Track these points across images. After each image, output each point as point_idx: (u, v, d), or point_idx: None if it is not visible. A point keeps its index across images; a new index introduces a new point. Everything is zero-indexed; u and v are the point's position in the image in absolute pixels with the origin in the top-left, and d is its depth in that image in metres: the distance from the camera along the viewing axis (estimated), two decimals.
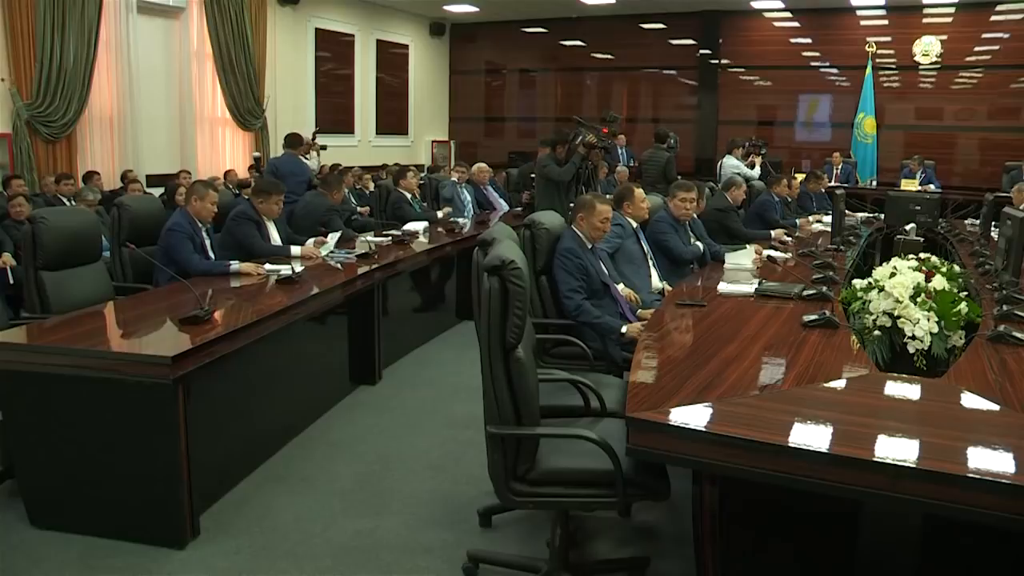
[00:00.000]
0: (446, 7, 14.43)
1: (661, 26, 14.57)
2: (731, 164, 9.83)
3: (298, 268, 4.90)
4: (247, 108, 11.37)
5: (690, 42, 14.54)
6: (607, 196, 4.98)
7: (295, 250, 5.50)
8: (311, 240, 5.78)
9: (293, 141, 8.20)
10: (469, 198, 8.83)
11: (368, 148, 14.08)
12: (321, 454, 4.38)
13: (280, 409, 4.45)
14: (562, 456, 2.80)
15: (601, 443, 2.63)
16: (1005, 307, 4.02)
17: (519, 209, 8.93)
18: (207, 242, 5.08)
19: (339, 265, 5.40)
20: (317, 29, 12.94)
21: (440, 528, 3.58)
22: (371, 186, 9.77)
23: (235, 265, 4.95)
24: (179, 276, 4.47)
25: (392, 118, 14.90)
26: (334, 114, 13.39)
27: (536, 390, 2.83)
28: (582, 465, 2.75)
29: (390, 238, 6.48)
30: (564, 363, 3.96)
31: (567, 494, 2.77)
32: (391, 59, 14.77)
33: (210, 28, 10.74)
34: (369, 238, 6.44)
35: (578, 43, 15.33)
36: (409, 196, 7.87)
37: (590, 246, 4.31)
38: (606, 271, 4.38)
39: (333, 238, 5.82)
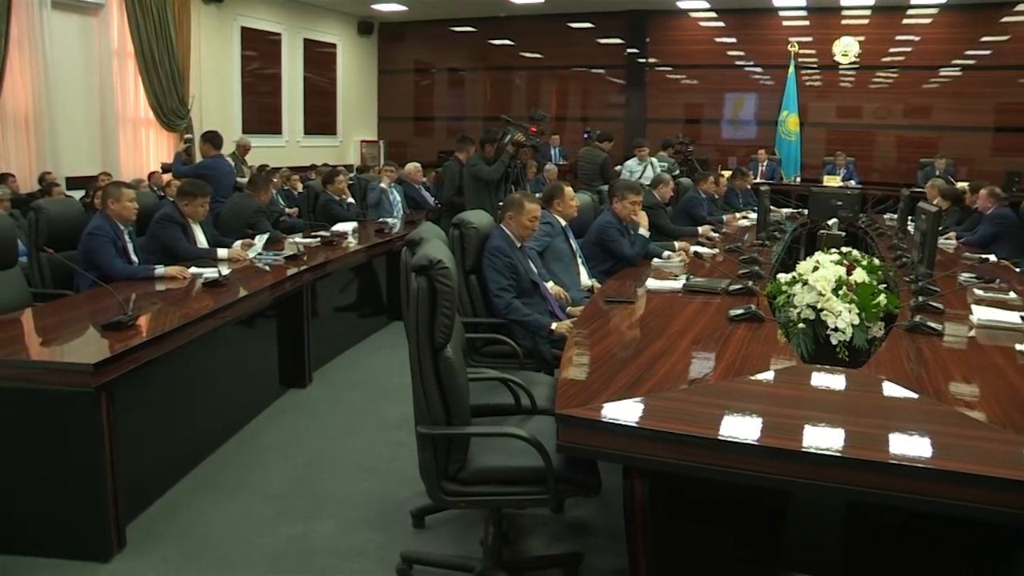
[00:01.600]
0: (374, 6, 14.35)
1: (589, 25, 14.70)
2: (627, 165, 9.83)
3: (225, 271, 4.83)
4: (171, 108, 11.13)
5: (617, 41, 14.70)
6: (536, 195, 5.01)
7: (222, 252, 5.41)
8: (238, 242, 5.68)
9: (218, 140, 8.01)
10: (399, 198, 8.77)
11: (296, 148, 13.93)
12: (252, 459, 4.32)
13: (209, 414, 4.37)
14: (493, 455, 2.80)
15: (531, 440, 2.64)
16: (921, 298, 4.17)
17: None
18: (130, 245, 4.95)
19: (267, 267, 5.34)
20: (243, 28, 12.75)
21: (373, 530, 3.56)
22: (299, 187, 9.66)
23: (160, 269, 4.84)
24: (101, 281, 4.36)
25: (320, 118, 14.77)
26: (261, 114, 13.21)
27: (466, 389, 2.83)
28: (513, 463, 2.76)
29: (319, 239, 6.43)
30: (495, 362, 3.98)
31: (499, 492, 2.78)
32: (319, 58, 14.63)
33: (131, 25, 10.47)
34: (298, 239, 6.37)
35: (507, 42, 15.38)
36: (338, 199, 7.81)
37: (519, 244, 4.31)
38: (535, 269, 4.40)
39: (261, 240, 5.74)
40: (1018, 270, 5.85)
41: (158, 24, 10.74)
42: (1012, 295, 4.66)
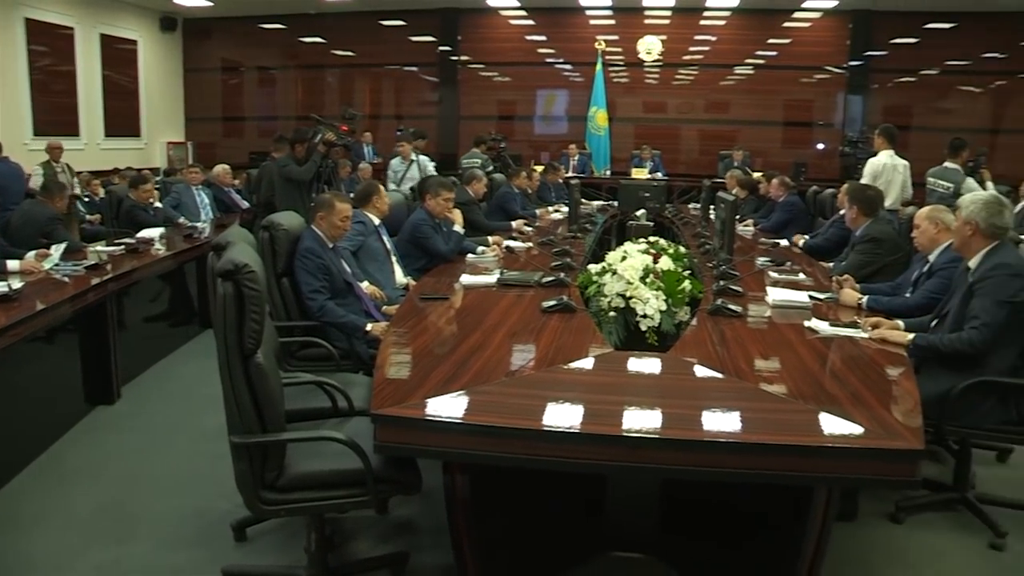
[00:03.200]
0: (177, 0, 13.74)
1: (401, 23, 14.69)
2: (392, 165, 9.68)
3: (16, 284, 4.51)
4: None
5: (430, 39, 14.76)
6: (348, 194, 4.97)
7: (12, 265, 5.03)
8: (31, 253, 5.32)
9: None
10: (207, 201, 8.44)
11: (96, 151, 13.11)
12: (54, 485, 4.05)
13: (3, 441, 4.07)
14: (312, 459, 2.77)
15: (348, 442, 2.63)
16: (722, 282, 4.43)
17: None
18: None
19: (66, 278, 5.02)
20: (28, 20, 11.76)
21: (192, 547, 3.43)
22: (101, 192, 9.13)
23: None
24: None
25: (122, 119, 13.97)
26: (55, 115, 12.32)
27: (280, 395, 2.78)
28: (332, 466, 2.74)
29: (124, 247, 6.11)
30: (311, 365, 3.93)
31: (318, 497, 2.74)
32: (118, 55, 13.83)
33: None
34: (100, 248, 6.03)
35: (318, 40, 15.12)
36: (144, 205, 7.46)
37: (331, 245, 4.27)
38: (349, 269, 4.37)
39: (58, 249, 5.39)
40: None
41: None
42: (802, 276, 5.06)
